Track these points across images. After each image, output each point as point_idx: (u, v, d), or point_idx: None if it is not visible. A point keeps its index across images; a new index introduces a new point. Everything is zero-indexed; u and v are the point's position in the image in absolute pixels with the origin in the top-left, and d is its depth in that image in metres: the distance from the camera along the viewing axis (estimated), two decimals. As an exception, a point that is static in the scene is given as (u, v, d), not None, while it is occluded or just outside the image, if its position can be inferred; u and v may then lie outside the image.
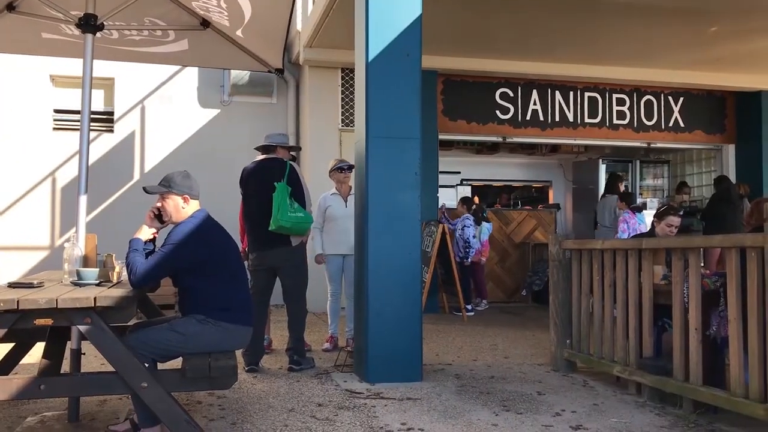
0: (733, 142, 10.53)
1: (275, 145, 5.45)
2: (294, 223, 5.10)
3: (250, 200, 5.36)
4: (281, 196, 5.06)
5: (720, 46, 8.44)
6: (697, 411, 4.02)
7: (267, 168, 5.30)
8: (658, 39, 8.18)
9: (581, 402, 4.32)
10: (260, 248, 5.25)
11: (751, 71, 9.60)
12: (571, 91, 9.83)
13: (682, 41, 8.26)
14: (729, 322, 3.76)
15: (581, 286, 5.23)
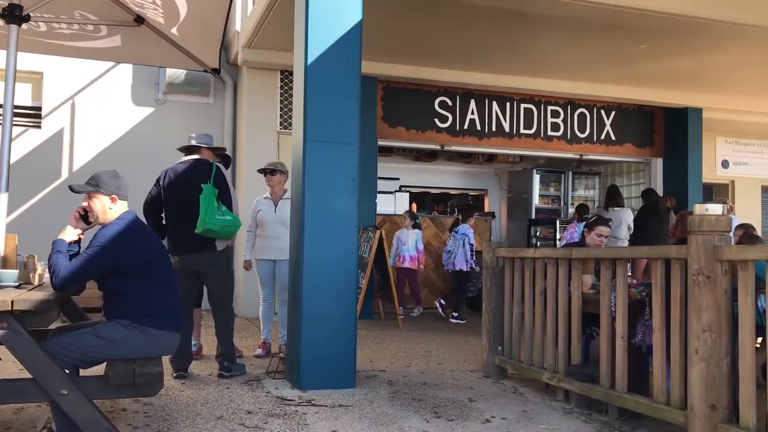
0: (661, 156, 10.91)
1: (201, 146, 5.32)
2: (222, 226, 4.99)
3: (172, 202, 5.15)
4: (208, 198, 4.94)
5: (650, 63, 8.74)
6: (621, 417, 4.12)
7: (192, 169, 5.15)
8: (591, 54, 8.41)
9: (511, 409, 4.38)
10: (183, 252, 5.08)
11: (679, 88, 9.98)
12: (507, 102, 10.01)
13: (614, 57, 8.51)
14: (653, 331, 3.87)
15: (513, 293, 5.30)
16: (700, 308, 3.41)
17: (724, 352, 3.37)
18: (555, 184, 12.10)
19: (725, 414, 3.34)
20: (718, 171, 12.70)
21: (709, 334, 3.38)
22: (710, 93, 10.18)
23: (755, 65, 8.82)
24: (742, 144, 12.95)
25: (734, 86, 9.88)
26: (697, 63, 8.66)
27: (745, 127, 11.91)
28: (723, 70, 9.02)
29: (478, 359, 5.82)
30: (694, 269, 3.45)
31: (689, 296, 3.50)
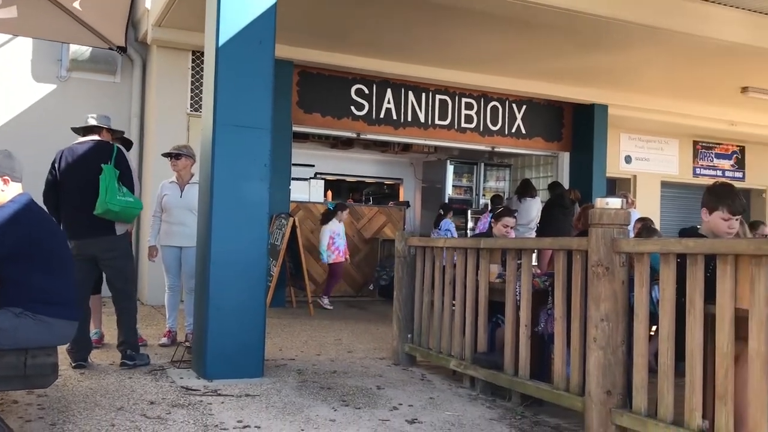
0: (568, 150, 11.28)
1: (102, 126, 5.10)
2: (123, 207, 4.79)
3: (69, 183, 4.91)
4: (109, 178, 4.75)
5: (559, 60, 9.01)
6: (524, 403, 4.24)
7: (92, 150, 4.93)
8: (505, 48, 8.58)
9: (418, 396, 4.43)
10: (80, 236, 4.85)
11: (587, 85, 10.34)
12: (423, 93, 10.09)
13: (526, 52, 8.72)
14: (555, 320, 4.00)
15: (424, 282, 5.37)
16: (599, 298, 3.54)
17: (620, 340, 3.51)
18: (468, 175, 12.32)
19: (620, 399, 3.49)
20: (621, 166, 13.24)
21: (606, 322, 3.51)
22: (616, 91, 10.59)
23: (658, 65, 9.24)
24: (644, 140, 13.54)
25: (638, 85, 10.33)
26: (604, 61, 8.99)
27: (648, 125, 12.46)
28: (628, 69, 9.40)
29: (389, 347, 5.86)
30: (593, 260, 3.57)
31: (589, 286, 3.62)
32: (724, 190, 3.75)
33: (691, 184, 13.77)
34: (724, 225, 3.67)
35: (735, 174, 14.43)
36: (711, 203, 3.72)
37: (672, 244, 3.31)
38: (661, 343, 3.26)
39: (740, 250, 2.92)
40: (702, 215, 3.79)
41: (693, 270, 3.12)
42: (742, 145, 14.34)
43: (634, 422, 3.36)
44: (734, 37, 7.57)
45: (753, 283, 2.83)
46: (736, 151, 14.48)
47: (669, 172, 13.80)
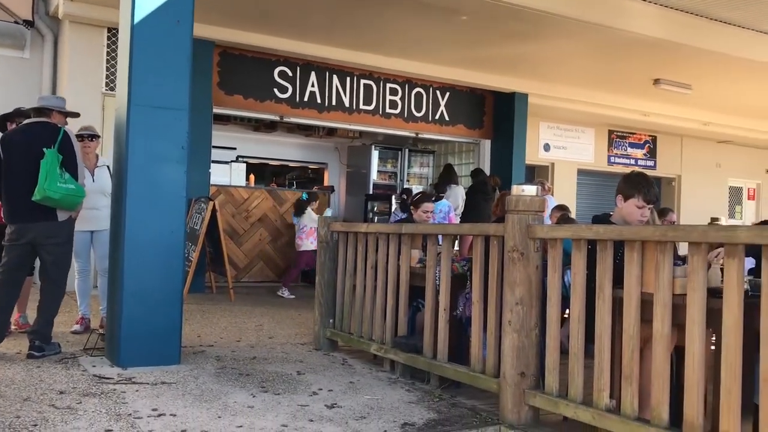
0: (490, 138, 11.49)
1: (51, 108, 4.89)
2: (64, 194, 4.61)
3: (10, 166, 4.71)
4: (51, 163, 4.55)
5: (482, 49, 9.14)
6: (442, 386, 4.31)
7: (36, 133, 4.73)
8: (429, 35, 8.63)
9: (339, 380, 4.44)
10: (20, 220, 4.67)
11: (508, 74, 10.53)
12: (347, 77, 10.05)
13: (449, 40, 8.80)
14: (472, 304, 4.07)
15: (346, 267, 5.37)
16: (514, 283, 3.62)
17: (534, 323, 3.62)
18: (392, 160, 12.36)
19: (533, 380, 3.60)
20: (540, 153, 13.59)
21: (521, 306, 3.60)
22: (536, 80, 10.84)
23: (576, 56, 9.51)
24: (562, 129, 13.94)
25: (557, 75, 10.60)
26: (525, 51, 9.18)
27: (566, 114, 12.82)
28: (548, 60, 9.63)
29: (310, 332, 5.84)
30: (509, 246, 3.65)
31: (505, 271, 3.70)
32: (640, 179, 3.89)
33: (605, 172, 14.29)
34: (638, 212, 3.82)
35: (647, 163, 15.05)
36: (627, 191, 3.85)
37: (583, 230, 3.42)
38: (572, 326, 3.37)
39: (646, 237, 3.05)
40: (617, 201, 3.92)
41: (602, 256, 3.23)
42: (654, 135, 14.96)
43: (546, 403, 3.47)
44: (647, 31, 7.86)
45: (658, 268, 2.96)
46: (649, 140, 15.10)
47: (585, 160, 14.26)
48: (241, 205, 9.99)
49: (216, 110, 9.06)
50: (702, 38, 8.17)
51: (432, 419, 3.66)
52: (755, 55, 8.66)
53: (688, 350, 2.80)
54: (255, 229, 10.06)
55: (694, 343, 2.78)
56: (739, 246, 2.63)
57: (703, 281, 2.78)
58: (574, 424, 3.41)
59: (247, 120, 11.09)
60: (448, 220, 9.16)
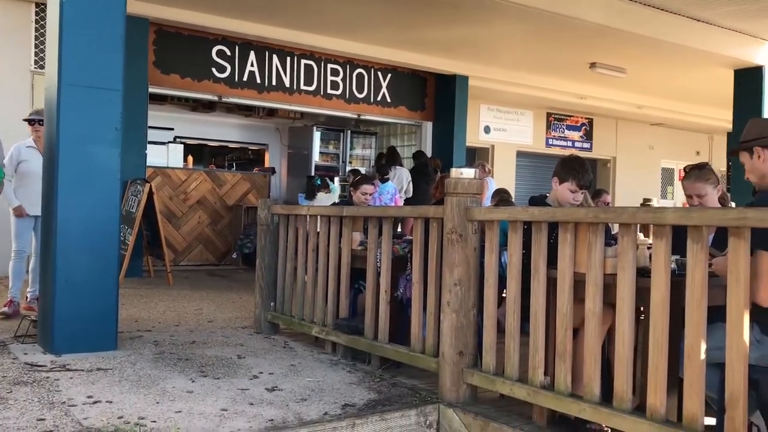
0: (431, 120, 11.55)
1: None
2: None
3: None
4: None
5: (423, 30, 9.15)
6: (383, 366, 4.35)
7: None
8: (370, 15, 8.59)
9: (280, 363, 4.43)
10: None
11: (449, 56, 10.58)
12: (288, 57, 9.92)
13: (390, 20, 8.78)
14: (413, 285, 4.11)
15: (287, 250, 5.34)
16: (453, 264, 3.67)
17: (472, 303, 3.68)
18: (334, 142, 12.30)
19: (471, 359, 3.67)
20: (480, 136, 13.76)
21: (459, 287, 3.66)
22: (476, 63, 10.92)
23: (516, 40, 9.63)
24: (502, 112, 14.14)
25: (498, 58, 10.71)
26: (466, 34, 9.23)
27: (506, 97, 13.00)
28: (488, 42, 9.72)
29: (251, 316, 5.80)
30: (448, 228, 3.70)
31: (444, 253, 3.75)
32: (575, 164, 3.98)
33: (543, 154, 14.58)
34: (570, 196, 3.92)
35: (584, 145, 15.42)
36: (562, 174, 3.95)
37: (519, 212, 3.49)
38: (508, 305, 3.44)
39: (579, 218, 3.13)
40: (552, 184, 4.02)
41: (537, 237, 3.30)
42: (590, 117, 15.33)
43: (483, 381, 3.54)
44: (584, 16, 8.00)
45: (590, 249, 3.04)
46: (585, 123, 15.46)
47: (524, 142, 14.51)
48: (178, 187, 9.80)
49: (152, 90, 8.82)
50: (636, 24, 8.37)
51: (372, 399, 3.70)
52: (686, 41, 8.92)
53: (618, 328, 2.91)
54: (193, 211, 9.90)
55: (623, 321, 2.88)
56: (667, 227, 2.73)
57: (633, 261, 2.88)
58: (511, 400, 3.50)
59: (185, 100, 10.84)
60: (393, 202, 9.20)
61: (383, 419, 3.42)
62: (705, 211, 2.86)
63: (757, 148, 2.97)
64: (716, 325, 2.68)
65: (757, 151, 2.98)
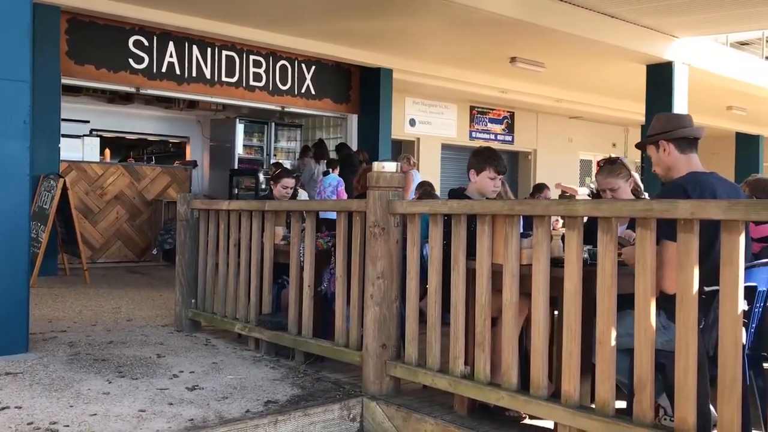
0: (356, 112, 11.54)
1: None
2: None
3: None
4: None
5: (347, 22, 9.13)
6: (307, 362, 4.34)
7: None
8: (292, 6, 8.49)
9: (201, 362, 4.35)
10: None
11: (373, 49, 10.60)
12: (208, 48, 9.71)
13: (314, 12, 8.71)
14: (336, 279, 4.11)
15: (208, 245, 5.24)
16: (376, 257, 3.68)
17: (395, 296, 3.70)
18: (258, 134, 12.15)
19: (394, 352, 3.69)
20: (406, 129, 13.86)
21: (382, 280, 3.68)
22: (401, 56, 10.98)
23: (439, 34, 9.73)
24: (427, 105, 14.28)
25: (422, 51, 10.80)
26: (390, 27, 9.27)
27: (430, 90, 13.13)
28: (412, 36, 9.78)
29: (172, 314, 5.66)
30: (371, 221, 3.71)
31: (367, 246, 3.76)
32: (488, 153, 4.08)
33: (467, 147, 14.78)
34: (491, 184, 4.01)
35: (506, 138, 15.76)
36: (478, 165, 4.03)
37: (439, 206, 3.53)
38: (429, 297, 3.48)
39: (496, 211, 3.19)
40: (470, 177, 4.09)
41: (457, 229, 3.35)
42: (512, 111, 15.67)
43: (406, 372, 3.58)
44: (504, 11, 8.16)
45: (506, 240, 3.11)
46: (507, 116, 15.80)
47: (449, 135, 14.71)
48: (95, 181, 9.46)
49: (65, 81, 8.46)
50: (553, 19, 8.59)
51: (296, 395, 3.68)
52: (601, 37, 9.23)
53: (533, 317, 2.98)
54: (111, 206, 9.58)
55: (538, 310, 2.96)
56: (578, 219, 2.81)
57: (547, 252, 2.96)
58: (434, 391, 3.55)
59: (101, 91, 10.47)
60: (337, 194, 9.17)
61: (306, 414, 3.41)
62: (614, 203, 2.98)
63: (663, 142, 3.10)
64: (626, 312, 2.79)
65: (663, 144, 3.11)
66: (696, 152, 3.13)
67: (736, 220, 2.36)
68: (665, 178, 3.15)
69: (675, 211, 2.50)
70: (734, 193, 3.01)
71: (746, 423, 2.62)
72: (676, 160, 3.08)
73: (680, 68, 10.34)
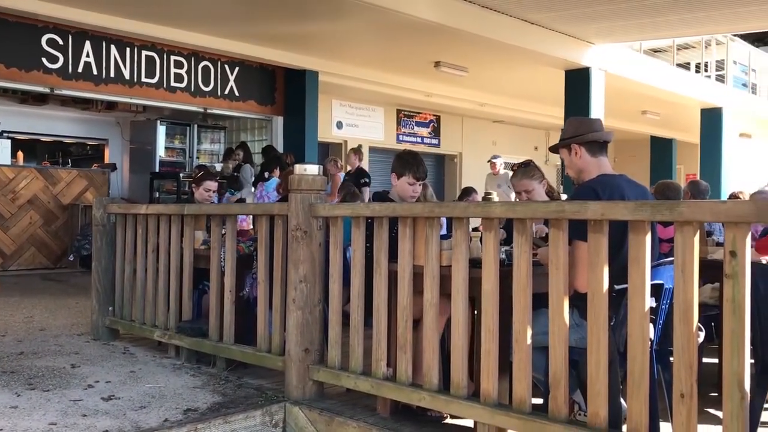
0: (282, 114, 11.42)
1: None
2: None
3: None
4: None
5: (272, 24, 9.02)
6: (229, 368, 4.26)
7: None
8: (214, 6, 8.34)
9: (118, 371, 4.21)
10: None
11: (298, 51, 10.51)
12: (127, 48, 9.42)
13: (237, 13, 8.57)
14: (258, 283, 4.06)
15: (125, 251, 5.09)
16: (298, 261, 3.66)
17: (317, 299, 3.68)
18: (180, 136, 11.89)
19: (317, 356, 3.67)
20: (333, 131, 13.82)
21: (305, 284, 3.65)
22: (327, 59, 10.93)
23: (364, 37, 9.75)
24: (354, 107, 14.28)
25: (348, 54, 10.79)
26: (316, 29, 9.21)
27: (357, 93, 13.12)
28: (338, 39, 9.76)
29: (89, 322, 5.46)
30: (293, 225, 3.67)
31: (289, 250, 3.72)
32: (410, 159, 4.11)
33: (395, 150, 14.84)
34: (410, 189, 4.04)
35: (432, 141, 15.94)
36: (399, 169, 4.06)
37: (361, 208, 3.54)
38: (352, 300, 3.48)
39: (417, 213, 3.22)
40: (392, 180, 4.11)
41: (379, 232, 3.36)
42: (438, 114, 15.85)
43: (329, 376, 3.56)
44: (426, 15, 8.24)
45: (427, 242, 3.15)
46: (433, 120, 15.97)
47: (376, 138, 14.75)
48: (6, 185, 9.04)
49: (-28, 80, 8.06)
50: (476, 25, 8.74)
51: (217, 402, 3.61)
52: (521, 42, 9.44)
53: (453, 317, 3.02)
54: (24, 211, 9.17)
55: (458, 311, 3.00)
56: (495, 220, 2.87)
57: (466, 253, 3.00)
58: (357, 394, 3.54)
59: (12, 91, 10.01)
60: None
61: (227, 422, 3.35)
62: (528, 205, 3.05)
63: (574, 145, 3.20)
64: (541, 311, 2.86)
65: (575, 148, 3.21)
66: (606, 155, 3.25)
67: (643, 221, 2.46)
68: (577, 180, 3.25)
69: (586, 212, 2.58)
70: (642, 195, 3.13)
71: (654, 415, 2.72)
72: (587, 163, 3.18)
73: (597, 74, 10.70)
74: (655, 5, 8.56)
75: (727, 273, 2.24)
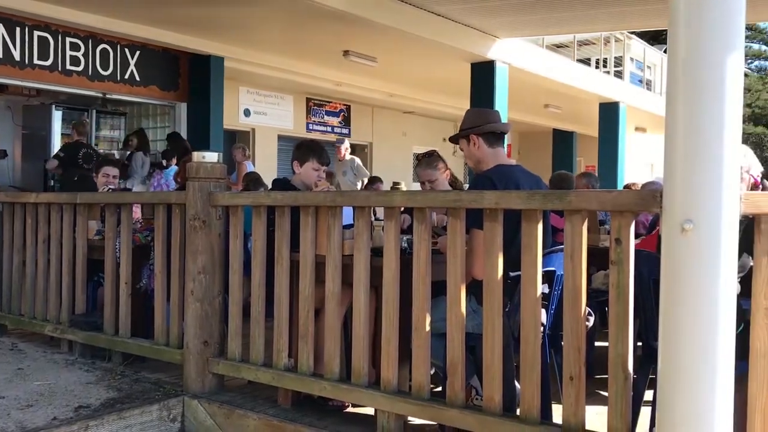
0: (185, 101, 11.07)
1: None
2: None
3: None
4: None
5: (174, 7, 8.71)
6: (125, 362, 4.11)
7: None
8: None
9: (4, 368, 3.99)
10: None
11: (203, 36, 10.20)
12: (17, 27, 8.86)
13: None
14: (155, 275, 3.93)
15: (14, 242, 4.81)
16: (197, 251, 3.56)
17: (217, 291, 3.61)
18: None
19: (217, 348, 3.60)
20: (240, 119, 13.54)
21: (204, 275, 3.56)
22: (233, 44, 10.65)
23: (270, 23, 9.57)
24: (262, 95, 14.04)
25: (255, 40, 10.56)
26: (221, 14, 8.95)
27: (265, 80, 12.90)
28: (245, 24, 9.53)
29: (-28, 318, 5.14)
30: (191, 214, 3.58)
31: (187, 240, 3.63)
32: (311, 146, 4.10)
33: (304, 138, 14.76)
34: (315, 174, 4.01)
35: (342, 130, 15.90)
36: (302, 157, 4.03)
37: (262, 197, 3.49)
38: (253, 291, 3.42)
39: (319, 202, 3.20)
40: (294, 168, 4.07)
41: (280, 221, 3.32)
42: (348, 104, 15.82)
43: (229, 368, 3.50)
44: (332, 3, 8.16)
45: (329, 231, 3.13)
46: (343, 109, 15.93)
47: (285, 126, 14.58)
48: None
49: None
50: (384, 15, 8.75)
51: (111, 398, 3.47)
52: (427, 34, 9.53)
53: (355, 306, 3.03)
54: None
55: (359, 300, 3.01)
56: (396, 209, 2.89)
57: (367, 242, 3.01)
58: (259, 386, 3.50)
59: None
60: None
61: (121, 418, 3.23)
62: (427, 194, 3.09)
63: (473, 136, 3.26)
64: (440, 298, 2.90)
65: (473, 138, 3.27)
66: (503, 146, 3.32)
67: (535, 209, 2.53)
68: (476, 170, 3.32)
69: (482, 201, 2.63)
70: (536, 185, 3.23)
71: (546, 397, 2.82)
72: (485, 154, 3.25)
73: (501, 67, 10.94)
74: (556, 1, 8.83)
75: (613, 260, 2.34)
